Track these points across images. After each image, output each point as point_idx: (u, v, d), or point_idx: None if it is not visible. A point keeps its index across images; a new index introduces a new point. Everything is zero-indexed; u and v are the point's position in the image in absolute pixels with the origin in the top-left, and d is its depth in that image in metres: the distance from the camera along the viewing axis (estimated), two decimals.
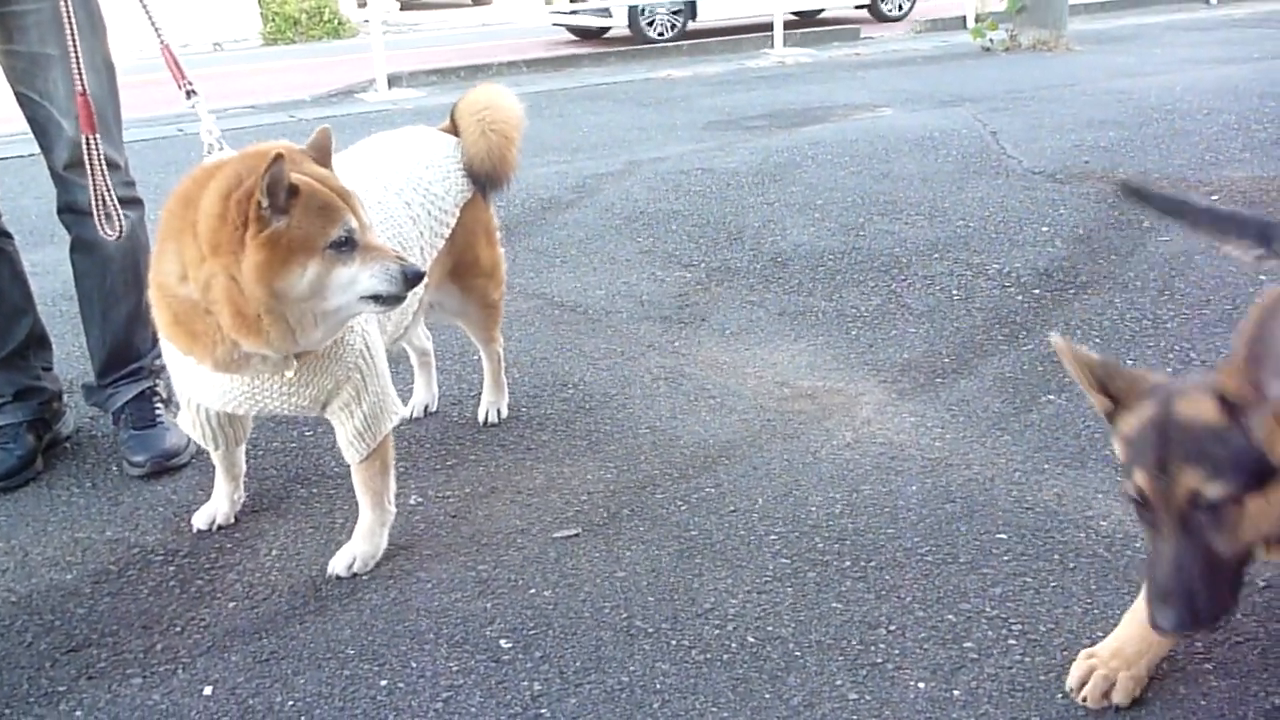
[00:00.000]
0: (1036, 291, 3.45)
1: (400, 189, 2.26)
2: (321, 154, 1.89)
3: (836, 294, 3.53)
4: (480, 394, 2.79)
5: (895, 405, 2.72)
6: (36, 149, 2.49)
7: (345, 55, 12.71)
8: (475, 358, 3.04)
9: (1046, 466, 2.38)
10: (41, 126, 2.39)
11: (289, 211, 1.75)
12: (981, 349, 3.04)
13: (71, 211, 2.48)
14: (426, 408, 2.80)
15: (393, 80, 9.49)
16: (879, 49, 10.83)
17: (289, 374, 1.97)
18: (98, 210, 2.24)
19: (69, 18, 2.20)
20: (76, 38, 2.20)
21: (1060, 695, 1.68)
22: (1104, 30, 10.98)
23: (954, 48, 10.34)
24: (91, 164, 2.22)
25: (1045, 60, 8.96)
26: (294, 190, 1.75)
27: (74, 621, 2.03)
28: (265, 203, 1.72)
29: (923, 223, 4.23)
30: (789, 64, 10.00)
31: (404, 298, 1.87)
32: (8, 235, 2.58)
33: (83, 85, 2.20)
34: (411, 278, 1.83)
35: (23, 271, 2.62)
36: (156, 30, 2.26)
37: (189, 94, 2.21)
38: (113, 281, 2.50)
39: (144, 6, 2.30)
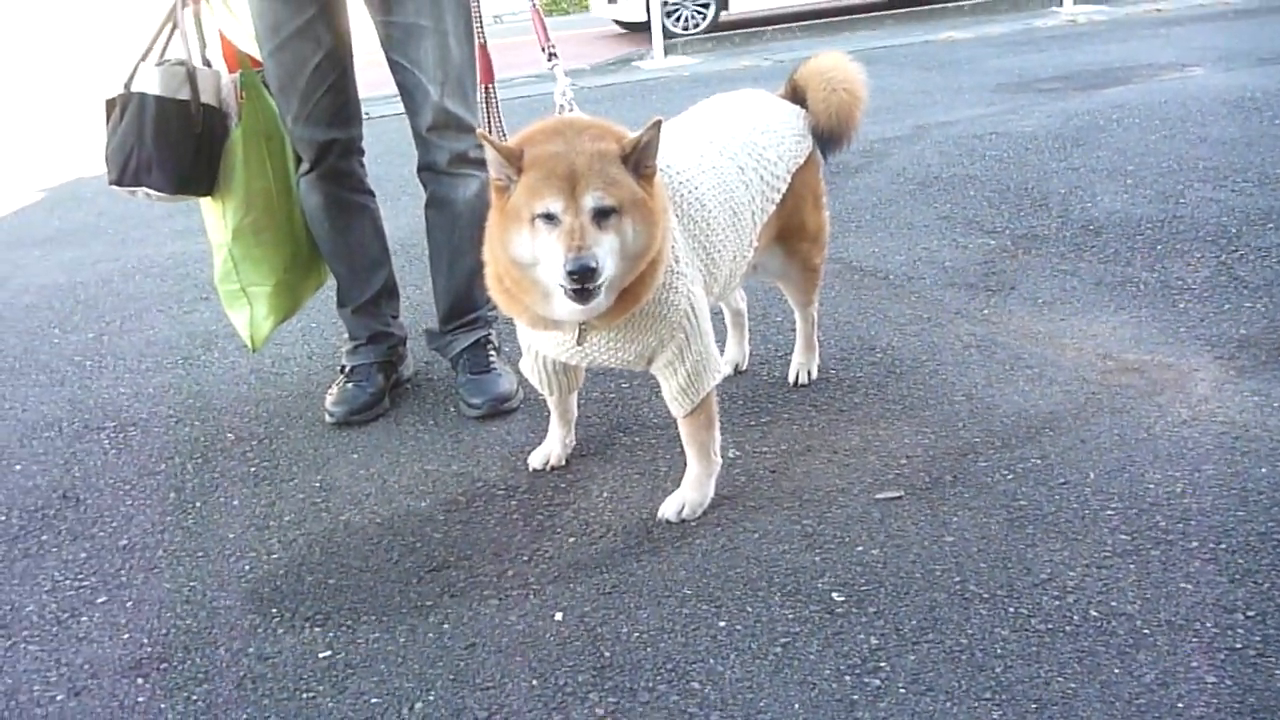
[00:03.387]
0: None
1: (735, 153, 2.31)
2: (633, 145, 1.86)
3: (1158, 264, 3.33)
4: (787, 356, 2.84)
5: (1234, 383, 2.55)
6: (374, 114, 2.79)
7: (618, 25, 13.00)
8: (779, 319, 3.10)
9: None
10: (409, 92, 2.62)
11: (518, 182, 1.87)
12: None
13: (430, 170, 2.71)
14: (737, 366, 2.86)
15: (668, 48, 9.65)
16: (1182, 4, 10.01)
17: (577, 342, 2.07)
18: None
19: None
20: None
21: None
22: None
23: (1274, 0, 9.40)
24: (489, 102, 2.67)
25: None
26: (524, 166, 1.86)
27: (432, 545, 2.23)
28: (493, 174, 1.90)
29: (1252, 190, 3.90)
30: (1080, 22, 9.42)
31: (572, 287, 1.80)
32: (371, 194, 2.85)
33: (483, 39, 2.61)
34: (571, 272, 1.76)
35: (383, 227, 2.89)
36: None
37: (550, 56, 2.35)
38: (460, 237, 2.71)
39: None
